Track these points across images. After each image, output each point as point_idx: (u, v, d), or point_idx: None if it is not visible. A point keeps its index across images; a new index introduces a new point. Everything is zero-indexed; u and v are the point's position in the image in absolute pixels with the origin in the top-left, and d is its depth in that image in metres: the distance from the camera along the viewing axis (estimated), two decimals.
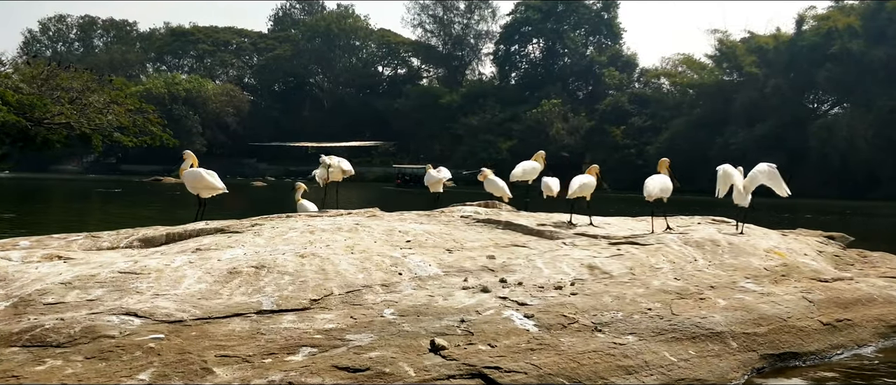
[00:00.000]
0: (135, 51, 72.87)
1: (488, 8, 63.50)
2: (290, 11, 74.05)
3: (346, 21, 66.82)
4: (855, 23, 43.88)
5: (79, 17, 76.68)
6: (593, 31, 59.01)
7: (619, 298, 3.75)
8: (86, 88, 35.61)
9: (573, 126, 52.94)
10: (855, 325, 4.14)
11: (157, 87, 62.40)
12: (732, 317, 3.74)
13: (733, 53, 49.52)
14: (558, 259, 4.36)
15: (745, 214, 7.24)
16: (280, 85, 70.51)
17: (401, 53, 68.43)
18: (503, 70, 62.01)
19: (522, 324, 3.31)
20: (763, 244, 5.39)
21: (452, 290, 3.69)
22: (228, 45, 71.57)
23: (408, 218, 5.58)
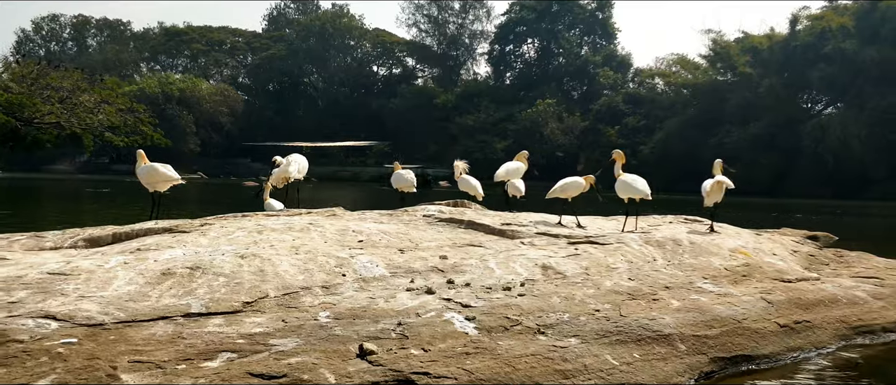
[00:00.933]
0: (129, 50, 72.51)
1: (483, 8, 63.36)
2: (285, 11, 73.75)
3: (340, 20, 66.53)
4: (848, 23, 43.87)
5: (72, 16, 76.34)
6: (588, 31, 58.89)
7: (568, 299, 3.64)
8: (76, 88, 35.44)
9: (568, 126, 52.82)
10: (814, 327, 4.03)
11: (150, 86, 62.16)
12: (684, 318, 3.63)
13: (727, 53, 49.49)
14: (513, 259, 4.24)
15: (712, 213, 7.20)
16: (274, 85, 70.25)
17: (396, 53, 68.19)
18: (498, 70, 61.86)
19: (462, 326, 3.20)
20: (729, 244, 5.28)
21: (396, 292, 3.57)
22: (223, 44, 71.24)
23: (368, 217, 5.46)
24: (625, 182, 5.66)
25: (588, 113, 53.76)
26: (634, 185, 5.59)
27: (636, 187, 5.57)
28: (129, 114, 36.63)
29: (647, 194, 5.60)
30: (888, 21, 42.73)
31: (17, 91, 32.44)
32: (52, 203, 23.12)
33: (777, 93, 45.92)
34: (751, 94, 46.37)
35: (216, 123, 64.37)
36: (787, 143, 44.21)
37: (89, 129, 34.54)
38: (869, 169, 41.51)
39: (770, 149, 44.15)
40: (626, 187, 5.62)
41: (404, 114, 60.04)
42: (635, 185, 5.60)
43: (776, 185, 43.26)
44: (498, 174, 7.13)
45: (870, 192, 38.92)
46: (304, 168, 6.72)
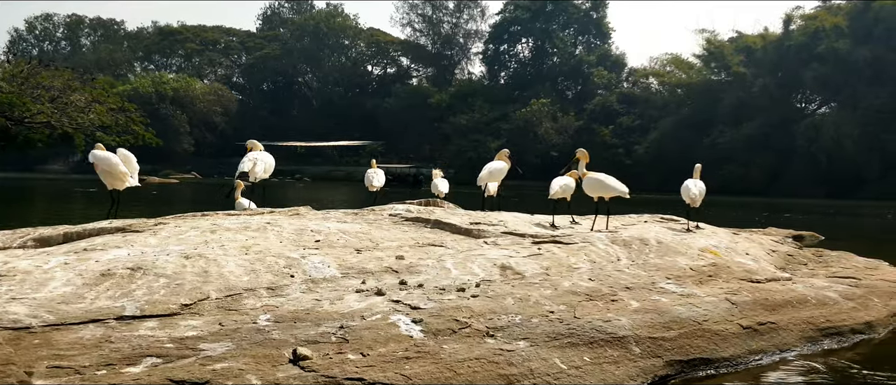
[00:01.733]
0: (122, 50, 72.23)
1: (477, 7, 63.25)
2: (279, 10, 73.54)
3: (334, 20, 66.37)
4: (842, 23, 43.89)
5: (66, 15, 76.07)
6: (582, 30, 58.83)
7: (523, 301, 3.53)
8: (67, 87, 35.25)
9: (562, 126, 52.76)
10: (779, 329, 3.93)
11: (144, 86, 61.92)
12: (641, 320, 3.52)
13: (721, 53, 49.49)
14: (472, 259, 4.14)
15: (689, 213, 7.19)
16: (269, 84, 70.08)
17: (390, 53, 68.04)
18: (492, 69, 61.77)
19: (408, 329, 3.09)
20: (699, 243, 5.19)
21: (344, 294, 3.46)
22: (217, 44, 71.01)
23: (331, 217, 5.35)
24: (596, 180, 5.55)
25: (582, 112, 53.70)
26: (606, 183, 5.48)
27: (608, 184, 5.46)
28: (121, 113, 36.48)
29: (622, 191, 5.47)
30: (881, 21, 42.76)
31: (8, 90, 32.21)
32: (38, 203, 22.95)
33: (771, 93, 45.92)
34: (745, 93, 46.35)
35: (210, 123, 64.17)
36: (780, 142, 44.21)
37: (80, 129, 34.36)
38: (862, 168, 41.52)
39: (764, 148, 44.14)
40: (597, 185, 5.50)
41: (398, 113, 59.93)
42: (607, 183, 5.49)
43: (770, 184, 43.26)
44: (480, 177, 7.03)
45: (863, 192, 38.93)
46: (270, 167, 6.59)
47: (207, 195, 29.15)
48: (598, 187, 5.50)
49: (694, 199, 6.94)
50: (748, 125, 44.81)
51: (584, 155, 5.86)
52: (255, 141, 6.92)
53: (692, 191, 6.97)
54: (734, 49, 49.23)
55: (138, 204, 22.49)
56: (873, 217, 23.14)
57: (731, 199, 35.42)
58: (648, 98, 53.04)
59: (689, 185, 7.10)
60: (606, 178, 5.58)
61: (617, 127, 51.22)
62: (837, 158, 42.03)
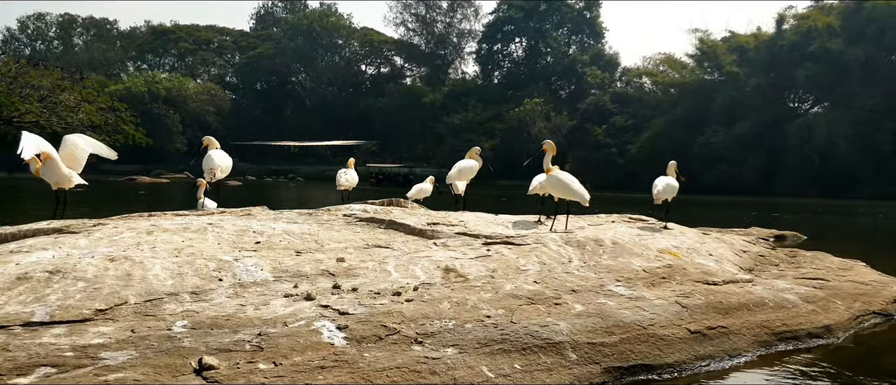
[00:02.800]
0: (115, 49, 71.92)
1: (471, 7, 63.10)
2: (273, 10, 73.29)
3: (328, 19, 66.17)
4: (834, 22, 43.87)
5: (58, 15, 75.68)
6: (576, 30, 58.74)
7: (460, 305, 3.40)
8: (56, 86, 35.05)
9: (555, 125, 52.65)
10: (731, 333, 3.80)
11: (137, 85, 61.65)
12: (582, 324, 3.39)
13: (714, 53, 49.46)
14: (415, 261, 4.00)
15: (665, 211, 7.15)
16: (262, 84, 69.85)
17: (384, 52, 67.87)
18: (486, 69, 61.65)
19: (330, 336, 2.95)
20: (660, 244, 5.06)
21: (271, 299, 3.33)
22: (210, 43, 70.74)
23: (283, 217, 5.21)
24: (559, 180, 5.40)
25: (576, 112, 53.61)
26: (569, 186, 5.34)
27: (570, 187, 5.32)
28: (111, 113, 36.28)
29: (582, 197, 5.32)
30: (874, 21, 42.74)
31: None
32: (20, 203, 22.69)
33: (764, 92, 45.88)
34: (737, 93, 46.31)
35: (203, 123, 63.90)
36: (773, 142, 44.17)
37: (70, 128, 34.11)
38: (855, 168, 41.50)
39: (757, 148, 44.10)
40: (559, 186, 5.36)
41: (392, 113, 59.79)
42: (570, 186, 5.35)
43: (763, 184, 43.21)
44: (450, 176, 6.90)
45: (856, 192, 38.90)
46: (227, 167, 6.44)
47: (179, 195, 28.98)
48: (559, 188, 5.36)
49: (658, 196, 6.85)
50: (741, 125, 44.77)
51: (550, 147, 5.71)
52: (212, 138, 6.77)
53: (657, 187, 6.89)
54: (727, 49, 49.20)
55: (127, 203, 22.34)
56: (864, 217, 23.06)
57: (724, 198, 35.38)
58: (642, 97, 52.98)
59: (655, 183, 7.02)
60: (570, 180, 5.43)
61: (610, 126, 51.14)
62: (830, 158, 42.02)
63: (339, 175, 8.20)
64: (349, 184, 8.10)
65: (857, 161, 41.32)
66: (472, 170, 6.74)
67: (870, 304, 4.96)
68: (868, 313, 4.83)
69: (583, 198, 5.31)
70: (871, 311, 4.88)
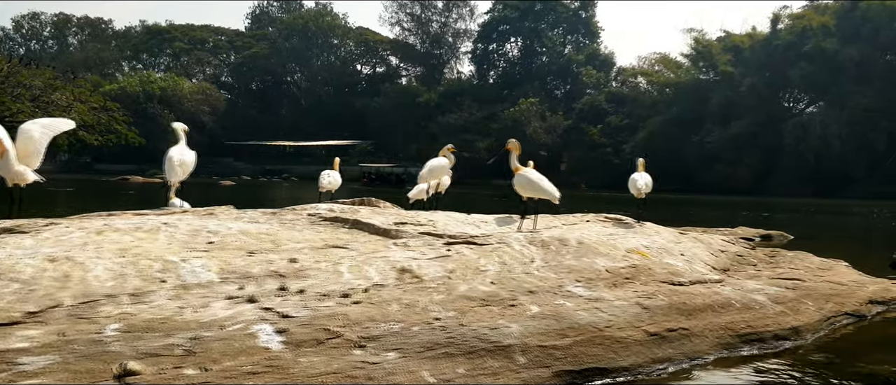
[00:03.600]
0: (110, 49, 71.82)
1: (466, 6, 63.13)
2: (268, 9, 73.26)
3: (323, 19, 66.13)
4: (829, 22, 43.91)
5: (53, 14, 75.53)
6: (571, 30, 58.74)
7: (409, 307, 3.30)
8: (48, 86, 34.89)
9: (550, 125, 52.67)
10: (692, 336, 3.70)
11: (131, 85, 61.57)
12: (535, 326, 3.29)
13: (709, 52, 49.49)
14: (371, 262, 3.90)
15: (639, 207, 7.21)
16: (257, 83, 69.77)
17: (379, 52, 67.84)
18: (481, 69, 61.64)
19: (267, 340, 2.85)
20: (629, 243, 4.97)
21: (213, 301, 3.22)
22: (205, 43, 70.68)
23: (244, 217, 5.10)
24: (527, 179, 5.32)
25: (571, 112, 53.63)
26: (537, 184, 5.25)
27: (538, 186, 5.24)
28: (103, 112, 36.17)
29: (552, 195, 5.23)
30: (868, 20, 42.80)
31: None
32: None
33: (758, 92, 45.92)
34: (733, 92, 46.34)
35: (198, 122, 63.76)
36: (768, 142, 44.20)
37: None
38: (850, 168, 41.54)
39: (752, 148, 44.12)
40: (527, 185, 5.27)
41: (387, 113, 59.77)
42: (538, 184, 5.26)
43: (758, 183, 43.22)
44: (421, 175, 6.82)
45: (851, 191, 38.91)
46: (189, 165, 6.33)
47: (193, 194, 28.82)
48: (527, 187, 5.26)
49: (640, 191, 6.92)
50: (736, 124, 44.80)
51: (514, 146, 5.61)
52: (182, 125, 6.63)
53: (639, 183, 6.92)
54: (722, 48, 49.25)
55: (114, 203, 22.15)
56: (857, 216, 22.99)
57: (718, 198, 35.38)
58: (637, 97, 53.01)
59: (635, 178, 7.03)
60: (538, 178, 5.34)
61: (605, 126, 51.16)
62: (825, 158, 42.05)
63: (321, 177, 8.09)
64: (331, 186, 7.96)
65: (851, 161, 41.36)
66: (443, 168, 6.65)
67: (843, 304, 4.87)
68: (840, 314, 4.74)
69: (552, 195, 5.22)
70: (843, 311, 4.79)
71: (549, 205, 5.43)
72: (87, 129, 35.20)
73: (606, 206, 23.98)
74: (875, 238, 15.67)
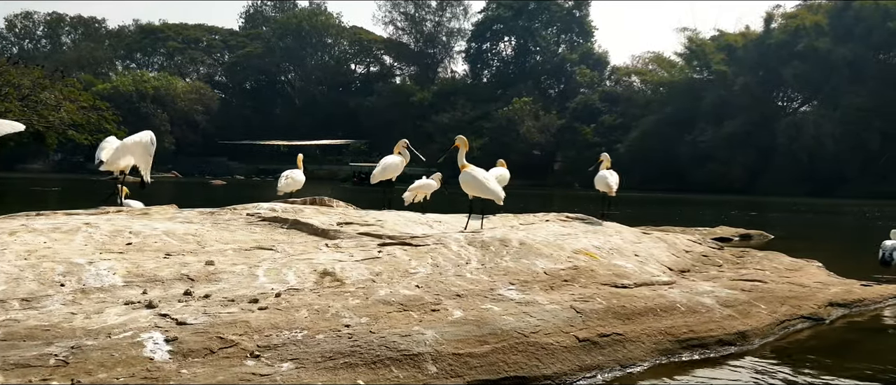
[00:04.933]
0: (103, 48, 71.45)
1: (460, 6, 62.92)
2: (262, 9, 72.97)
3: (317, 18, 65.89)
4: (822, 21, 43.82)
5: (46, 13, 75.11)
6: (565, 29, 58.58)
7: (319, 313, 3.11)
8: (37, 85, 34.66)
9: (544, 124, 52.52)
10: (627, 341, 3.52)
11: (124, 84, 61.32)
12: (453, 332, 3.11)
13: (703, 51, 49.40)
14: (293, 264, 3.72)
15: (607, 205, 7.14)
16: (251, 83, 69.53)
17: (373, 51, 67.62)
18: (475, 68, 61.48)
19: (153, 349, 2.67)
20: (579, 244, 4.79)
21: (109, 306, 3.04)
22: (199, 42, 70.42)
23: (179, 217, 4.92)
24: (472, 177, 5.13)
25: (565, 111, 53.48)
26: (483, 184, 5.07)
27: (483, 185, 5.06)
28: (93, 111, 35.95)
29: (496, 195, 5.06)
30: (862, 20, 42.71)
31: None
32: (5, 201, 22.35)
33: (752, 91, 45.83)
34: (726, 92, 46.26)
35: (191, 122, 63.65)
36: (762, 141, 44.12)
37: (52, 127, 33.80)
38: (843, 167, 41.44)
39: (745, 147, 44.03)
40: (472, 184, 5.09)
41: (381, 112, 59.60)
42: (484, 184, 5.08)
43: (752, 182, 43.14)
44: (374, 175, 6.65)
45: (844, 190, 38.83)
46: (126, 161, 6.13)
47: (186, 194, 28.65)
48: (472, 185, 5.08)
49: (612, 189, 6.83)
50: (730, 123, 44.70)
51: (463, 142, 5.44)
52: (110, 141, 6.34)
53: (610, 180, 6.81)
54: (716, 47, 49.16)
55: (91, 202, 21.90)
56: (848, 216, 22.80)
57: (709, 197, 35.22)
58: (631, 96, 52.90)
59: (605, 175, 6.91)
60: (483, 177, 5.15)
61: (599, 126, 51.04)
62: (818, 157, 41.96)
63: (280, 178, 7.78)
64: (288, 188, 7.63)
65: (845, 160, 41.27)
66: (396, 166, 6.47)
67: (799, 307, 4.70)
68: (795, 318, 4.56)
69: (496, 196, 5.05)
70: (799, 315, 4.61)
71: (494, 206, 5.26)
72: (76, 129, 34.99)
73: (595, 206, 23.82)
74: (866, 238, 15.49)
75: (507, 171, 7.70)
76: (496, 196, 5.04)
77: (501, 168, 7.70)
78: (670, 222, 13.56)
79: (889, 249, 7.14)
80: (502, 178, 7.70)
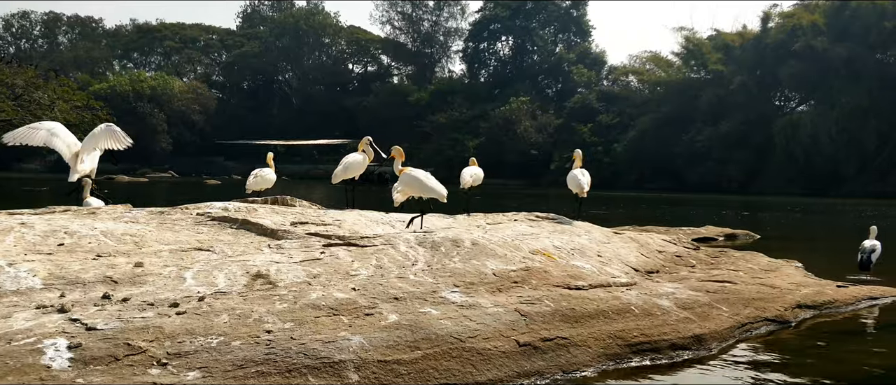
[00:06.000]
0: (100, 48, 71.25)
1: (457, 5, 62.59)
2: (259, 8, 72.70)
3: (315, 18, 65.66)
4: (819, 20, 43.58)
5: (43, 13, 74.89)
6: (562, 28, 58.33)
7: (241, 318, 2.97)
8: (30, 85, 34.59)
9: (541, 124, 52.29)
10: (572, 346, 3.37)
11: (121, 84, 61.15)
12: (383, 338, 2.96)
13: (700, 51, 49.17)
14: (227, 266, 3.57)
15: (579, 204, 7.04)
16: (249, 82, 69.33)
17: (370, 51, 67.37)
18: (472, 67, 61.23)
19: (52, 357, 2.52)
20: (538, 244, 4.64)
21: (20, 310, 2.89)
22: (196, 42, 70.22)
23: (126, 216, 4.77)
24: (413, 177, 5.04)
25: (562, 111, 53.26)
26: (423, 183, 4.97)
27: (424, 184, 4.95)
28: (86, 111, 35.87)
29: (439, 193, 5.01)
30: (858, 19, 42.47)
31: None
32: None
33: (749, 90, 45.62)
34: (723, 91, 46.03)
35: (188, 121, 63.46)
36: (758, 140, 43.91)
37: None
38: (840, 166, 41.22)
39: (742, 146, 43.82)
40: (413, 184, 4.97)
41: (378, 112, 59.39)
42: (425, 183, 4.97)
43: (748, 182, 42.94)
44: (336, 173, 6.49)
45: (840, 190, 38.63)
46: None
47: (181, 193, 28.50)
48: (414, 186, 4.98)
49: (584, 189, 6.70)
50: (726, 123, 44.49)
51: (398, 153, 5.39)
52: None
53: (581, 180, 6.67)
54: (713, 47, 48.94)
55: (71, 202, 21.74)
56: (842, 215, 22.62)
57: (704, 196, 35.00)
58: (628, 96, 52.68)
59: (577, 175, 6.78)
60: (424, 177, 5.07)
61: (596, 125, 50.79)
62: (815, 156, 41.76)
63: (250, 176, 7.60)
64: (258, 186, 7.43)
65: (842, 159, 41.06)
66: (359, 165, 6.30)
67: (765, 310, 4.55)
68: (759, 320, 4.41)
69: (440, 194, 4.97)
70: (763, 317, 4.46)
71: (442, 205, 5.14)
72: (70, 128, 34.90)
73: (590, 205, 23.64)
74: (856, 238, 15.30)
75: (479, 169, 7.57)
76: (438, 194, 4.95)
77: (474, 167, 7.59)
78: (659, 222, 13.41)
79: (868, 251, 7.01)
80: (476, 176, 7.59)
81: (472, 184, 7.28)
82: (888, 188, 36.19)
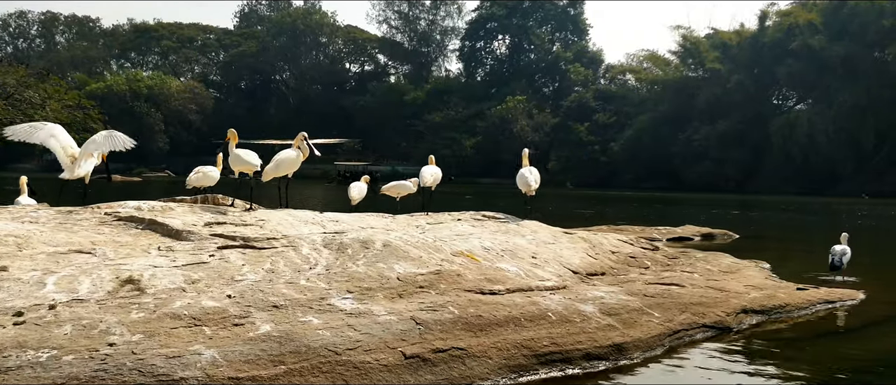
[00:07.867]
0: (97, 47, 71.14)
1: (454, 4, 62.31)
2: (256, 8, 72.51)
3: (312, 17, 65.40)
4: (816, 19, 43.19)
5: (40, 13, 74.79)
6: (559, 27, 57.99)
7: (87, 328, 2.69)
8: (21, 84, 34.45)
9: (538, 123, 52.00)
10: (468, 357, 3.09)
11: (118, 84, 61.01)
12: (243, 352, 2.68)
13: (697, 49, 48.79)
14: (97, 270, 3.29)
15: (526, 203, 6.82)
16: (246, 82, 69.14)
17: (367, 50, 67.09)
18: (469, 66, 60.92)
19: None
20: (464, 245, 4.36)
21: None
22: (193, 41, 70.03)
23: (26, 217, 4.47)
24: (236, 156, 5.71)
25: (559, 109, 52.96)
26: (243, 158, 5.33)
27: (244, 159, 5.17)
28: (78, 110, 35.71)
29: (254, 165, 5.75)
30: (856, 17, 42.06)
31: None
32: None
33: (746, 89, 45.26)
34: (720, 90, 45.67)
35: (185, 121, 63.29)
36: (755, 139, 43.56)
37: None
38: (837, 165, 40.83)
39: (739, 145, 43.45)
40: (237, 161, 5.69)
41: (375, 111, 59.19)
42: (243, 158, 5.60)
43: (746, 181, 42.57)
44: (267, 171, 6.20)
45: (837, 189, 38.25)
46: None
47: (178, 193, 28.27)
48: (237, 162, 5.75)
49: (531, 188, 6.44)
50: (723, 122, 44.13)
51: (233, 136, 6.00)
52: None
53: (529, 179, 6.40)
54: (710, 45, 48.56)
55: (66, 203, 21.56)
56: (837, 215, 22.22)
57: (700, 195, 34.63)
58: (625, 94, 52.35)
59: (524, 174, 6.51)
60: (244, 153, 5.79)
61: (593, 124, 50.47)
62: (812, 155, 41.38)
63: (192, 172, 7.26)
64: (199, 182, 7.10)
65: (838, 158, 40.67)
66: (292, 162, 6.00)
67: (704, 315, 4.26)
68: (696, 326, 4.12)
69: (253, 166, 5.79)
70: (701, 323, 4.17)
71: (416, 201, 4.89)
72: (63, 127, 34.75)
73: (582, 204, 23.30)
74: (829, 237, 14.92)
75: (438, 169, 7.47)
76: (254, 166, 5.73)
77: (433, 166, 7.43)
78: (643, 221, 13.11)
79: (838, 254, 6.72)
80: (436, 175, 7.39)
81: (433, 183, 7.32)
82: (886, 187, 35.79)
